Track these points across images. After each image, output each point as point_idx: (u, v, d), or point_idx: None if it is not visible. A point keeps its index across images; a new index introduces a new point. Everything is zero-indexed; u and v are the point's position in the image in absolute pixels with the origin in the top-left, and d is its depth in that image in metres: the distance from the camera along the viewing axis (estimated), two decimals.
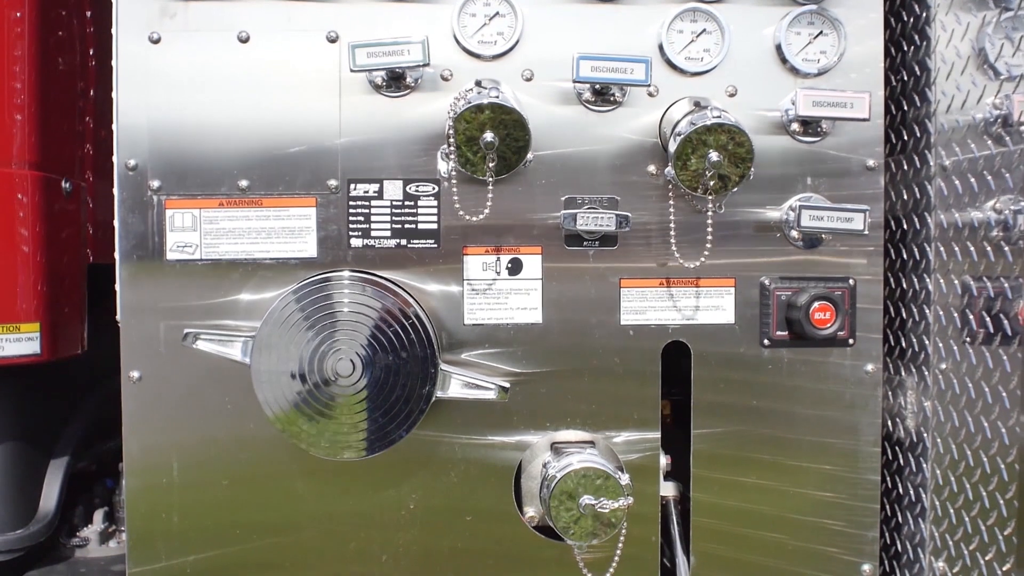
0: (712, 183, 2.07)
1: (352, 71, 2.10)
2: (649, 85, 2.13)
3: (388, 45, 2.09)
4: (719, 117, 2.05)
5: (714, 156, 2.04)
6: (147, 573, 2.24)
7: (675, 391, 2.36)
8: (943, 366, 2.21)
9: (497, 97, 2.01)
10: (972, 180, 2.17)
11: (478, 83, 2.10)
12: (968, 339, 2.19)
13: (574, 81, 2.12)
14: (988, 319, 2.15)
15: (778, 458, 2.31)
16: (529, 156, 2.06)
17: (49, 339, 2.27)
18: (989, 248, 2.14)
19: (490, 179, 2.08)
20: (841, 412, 2.29)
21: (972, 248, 2.15)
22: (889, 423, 2.38)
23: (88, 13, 2.58)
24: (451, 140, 2.02)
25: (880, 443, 2.30)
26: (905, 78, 2.31)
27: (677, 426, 2.40)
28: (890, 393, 2.38)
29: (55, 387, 2.50)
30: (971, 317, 2.19)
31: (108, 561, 2.50)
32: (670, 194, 2.20)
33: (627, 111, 2.23)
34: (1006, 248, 2.13)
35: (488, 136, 2.00)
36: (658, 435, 2.28)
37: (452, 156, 2.05)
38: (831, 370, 2.29)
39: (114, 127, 2.19)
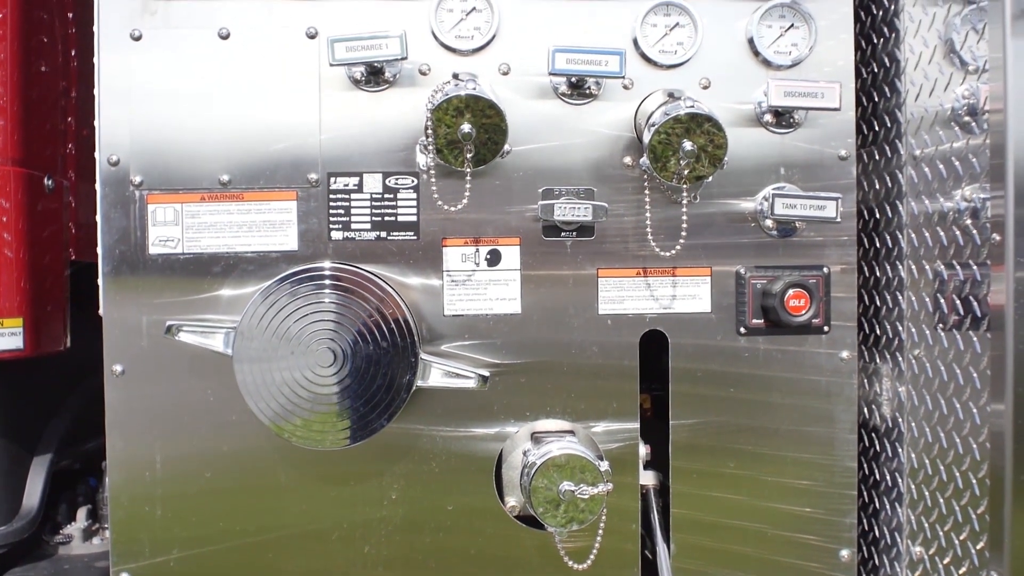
0: (687, 172, 2.10)
1: (331, 65, 2.13)
2: (623, 77, 2.17)
3: (367, 39, 2.12)
4: (692, 107, 2.08)
5: (688, 145, 2.08)
6: (131, 569, 2.24)
7: (655, 386, 2.39)
8: (916, 351, 2.24)
9: (474, 89, 2.04)
10: (941, 168, 2.21)
11: (455, 76, 2.13)
12: (940, 324, 2.23)
13: (550, 73, 2.15)
14: (959, 304, 2.18)
15: (756, 447, 2.33)
16: (507, 147, 2.09)
17: (32, 334, 2.28)
18: (959, 234, 2.17)
19: (468, 170, 2.10)
20: (817, 400, 2.32)
21: (943, 235, 2.19)
22: (865, 410, 2.42)
23: (70, 14, 2.61)
24: (429, 132, 2.05)
25: (856, 430, 2.33)
26: (875, 70, 2.36)
27: (657, 419, 2.42)
28: (865, 381, 2.42)
29: (38, 384, 2.51)
30: (942, 302, 2.22)
31: (92, 558, 2.50)
32: (646, 185, 2.24)
33: (603, 104, 2.27)
34: (975, 233, 2.16)
35: (465, 127, 2.03)
36: (637, 424, 2.31)
37: (430, 148, 2.08)
38: (807, 358, 2.32)
39: (96, 123, 2.21)
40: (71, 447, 2.64)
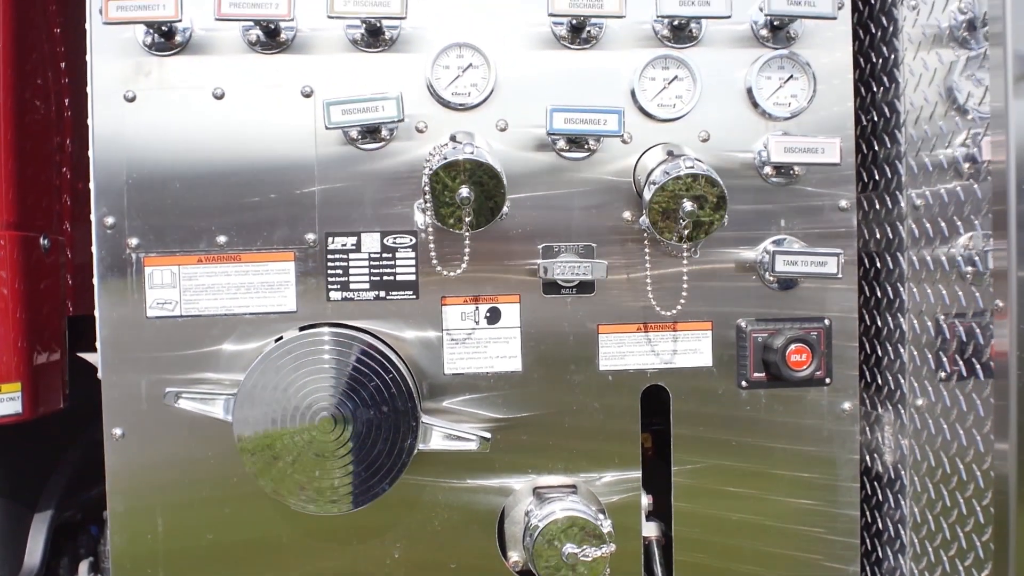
0: (687, 231, 2.09)
1: (327, 128, 2.11)
2: (622, 135, 2.15)
3: (362, 102, 2.10)
4: (692, 167, 2.07)
5: (688, 206, 2.06)
6: None
7: (656, 421, 2.38)
8: (919, 402, 2.24)
9: (472, 153, 2.03)
10: (942, 223, 2.20)
11: (453, 138, 2.11)
12: (943, 377, 2.22)
13: (548, 134, 2.14)
14: (960, 357, 2.18)
15: (758, 492, 2.33)
16: (505, 209, 2.08)
17: (30, 397, 2.27)
18: (961, 292, 2.17)
19: (466, 233, 2.09)
20: (819, 449, 2.32)
21: (944, 291, 2.19)
22: (867, 458, 2.41)
23: (63, 64, 2.58)
24: (427, 196, 2.03)
25: (858, 479, 2.33)
26: (875, 118, 2.34)
27: (658, 458, 2.42)
28: (867, 428, 2.41)
29: (37, 441, 2.50)
30: (944, 360, 2.22)
31: None
32: (646, 242, 2.22)
33: (601, 157, 2.26)
34: (976, 292, 2.16)
35: (464, 192, 2.02)
36: (639, 475, 2.31)
37: (429, 211, 2.07)
38: (808, 408, 2.32)
39: (91, 185, 2.19)
40: (72, 498, 2.63)
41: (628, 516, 2.30)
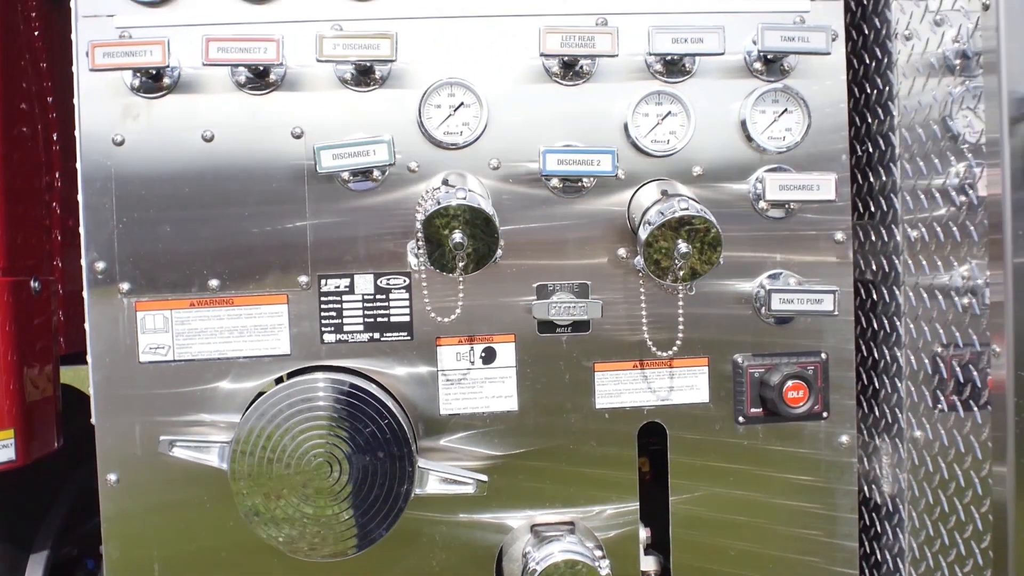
0: (682, 273, 2.08)
1: (319, 172, 2.09)
2: (616, 175, 2.13)
3: (354, 146, 2.09)
4: (687, 208, 2.05)
5: (683, 247, 2.05)
6: None
7: (653, 441, 2.37)
8: (917, 434, 2.24)
9: (464, 198, 2.01)
10: (938, 258, 2.19)
11: (445, 181, 2.10)
12: (941, 409, 2.22)
13: (542, 175, 2.12)
14: (958, 391, 2.18)
15: (756, 521, 2.33)
16: (499, 253, 2.06)
17: (24, 443, 2.26)
18: (958, 323, 2.16)
19: (460, 278, 2.08)
20: (818, 480, 2.32)
21: (941, 329, 2.18)
22: (865, 489, 2.41)
23: (50, 99, 2.56)
24: (420, 241, 2.02)
25: (857, 510, 2.33)
26: (870, 149, 2.33)
27: (655, 483, 2.41)
28: (866, 459, 2.41)
29: (31, 479, 2.48)
30: (941, 395, 2.21)
31: None
32: (640, 281, 2.21)
33: (595, 193, 2.24)
34: (974, 323, 2.15)
35: (457, 238, 2.00)
36: (637, 507, 2.30)
37: (422, 255, 2.05)
38: (806, 441, 2.31)
39: (81, 230, 2.17)
40: (68, 534, 2.62)
41: (627, 550, 2.30)
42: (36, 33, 2.45)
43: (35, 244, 2.40)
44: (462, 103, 2.19)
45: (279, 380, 2.19)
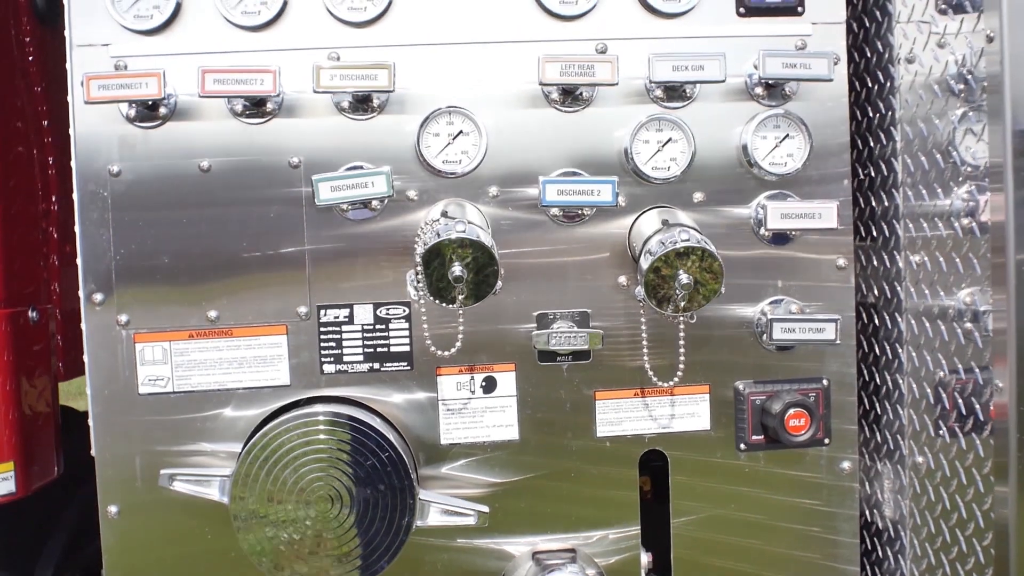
0: (683, 304, 2.07)
1: (317, 205, 2.07)
2: (616, 205, 2.12)
3: (352, 178, 2.07)
4: (688, 240, 2.04)
5: (684, 278, 2.04)
6: None
7: (654, 458, 2.36)
8: (918, 460, 2.23)
9: (464, 231, 1.99)
10: (940, 286, 2.18)
11: (444, 213, 2.08)
12: (943, 434, 2.21)
13: (541, 205, 2.11)
14: (960, 407, 2.17)
15: (757, 544, 2.33)
16: (499, 285, 2.04)
17: (24, 474, 2.25)
18: (961, 338, 2.15)
19: (460, 311, 2.07)
20: (819, 504, 2.31)
21: (942, 357, 2.17)
22: (867, 512, 2.41)
23: (45, 122, 2.54)
24: (419, 275, 2.00)
25: (859, 535, 2.33)
26: (872, 174, 2.31)
27: (656, 501, 2.40)
28: (867, 482, 2.40)
29: (32, 510, 2.48)
30: (943, 424, 2.21)
31: None
32: (641, 308, 2.19)
33: (596, 219, 2.23)
34: (975, 349, 2.14)
35: (456, 271, 1.98)
36: (638, 532, 2.30)
37: (422, 287, 2.03)
38: (808, 466, 2.30)
39: (78, 262, 2.16)
40: (69, 558, 2.62)
41: (629, 575, 2.29)
42: (31, 58, 2.42)
43: (32, 272, 2.39)
44: (461, 131, 2.17)
45: (279, 411, 2.18)
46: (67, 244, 2.52)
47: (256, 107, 2.14)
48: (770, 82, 2.18)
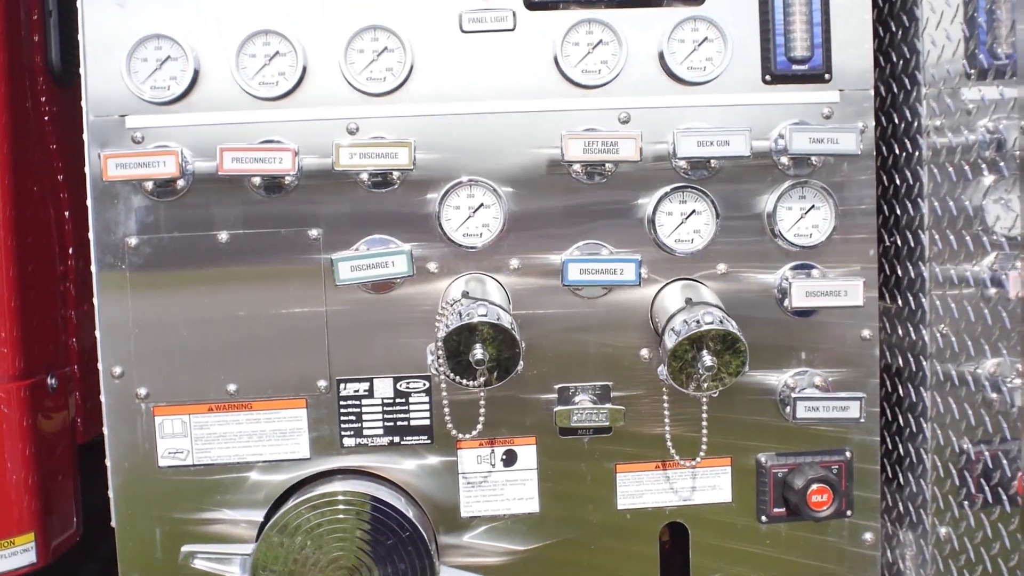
0: (706, 385, 2.05)
1: (337, 285, 2.06)
2: (639, 285, 2.09)
3: (372, 257, 2.05)
4: (712, 323, 2.01)
5: (708, 361, 2.02)
6: None
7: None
8: (942, 531, 2.22)
9: (485, 314, 1.97)
10: (964, 357, 2.15)
11: (465, 294, 2.06)
12: (967, 502, 2.19)
13: (564, 284, 2.09)
14: (986, 488, 2.15)
15: None
16: (519, 367, 2.02)
17: (44, 544, 2.26)
18: (987, 418, 2.13)
19: (481, 393, 2.05)
20: (840, 570, 2.31)
21: (967, 437, 2.15)
22: None
23: (60, 177, 2.52)
24: (440, 356, 1.99)
25: None
26: (899, 243, 2.28)
27: (675, 553, 2.39)
28: (889, 551, 2.39)
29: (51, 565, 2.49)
30: (969, 480, 2.19)
31: None
32: (664, 386, 2.17)
33: (618, 290, 2.20)
34: (1003, 421, 2.12)
35: (478, 354, 1.97)
36: None
37: (443, 367, 2.02)
38: (830, 535, 2.29)
39: (97, 334, 2.15)
40: None
41: None
42: (46, 118, 2.40)
43: (51, 335, 2.38)
44: (482, 204, 2.15)
45: (300, 484, 2.17)
46: (85, 304, 2.50)
47: (275, 181, 2.12)
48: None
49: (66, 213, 2.55)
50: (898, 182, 2.26)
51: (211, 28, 2.09)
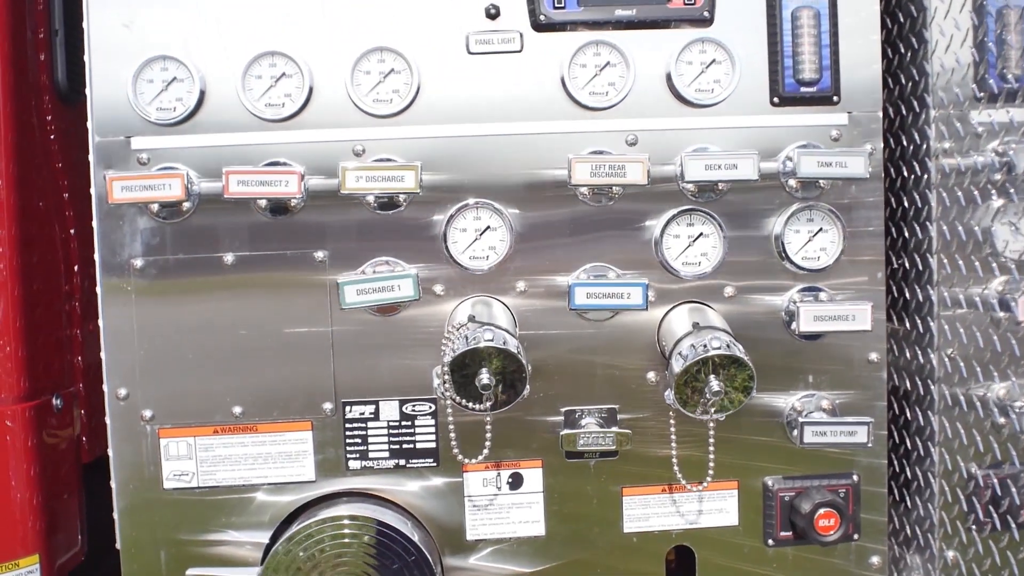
0: (713, 410, 2.04)
1: (342, 309, 2.05)
2: (646, 308, 2.08)
3: (378, 281, 2.05)
4: (719, 348, 2.00)
5: (715, 386, 2.01)
6: None
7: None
8: (949, 555, 2.21)
9: (492, 339, 1.96)
10: (973, 382, 2.14)
11: (471, 318, 2.05)
12: (974, 527, 2.18)
13: (570, 308, 2.08)
14: (994, 512, 2.14)
15: None
16: (526, 391, 2.02)
17: (48, 565, 2.25)
18: (995, 443, 2.13)
19: (488, 417, 2.05)
20: None
21: (975, 462, 2.13)
22: None
23: (65, 195, 2.51)
24: (446, 381, 1.98)
25: None
26: (907, 265, 2.27)
27: (680, 570, 2.38)
28: (896, 573, 2.38)
29: None
30: (978, 506, 2.18)
31: None
32: (671, 411, 2.15)
33: (625, 312, 2.18)
34: (1011, 448, 2.11)
35: (484, 379, 1.96)
36: None
37: (448, 392, 2.01)
38: (837, 557, 2.28)
39: (102, 355, 2.15)
40: None
41: None
42: (52, 137, 2.39)
43: (56, 355, 2.37)
44: (488, 226, 2.14)
45: (302, 508, 2.17)
46: (90, 323, 2.50)
47: (281, 203, 2.11)
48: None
49: (71, 231, 2.54)
50: (906, 204, 2.25)
51: (217, 49, 2.09)
